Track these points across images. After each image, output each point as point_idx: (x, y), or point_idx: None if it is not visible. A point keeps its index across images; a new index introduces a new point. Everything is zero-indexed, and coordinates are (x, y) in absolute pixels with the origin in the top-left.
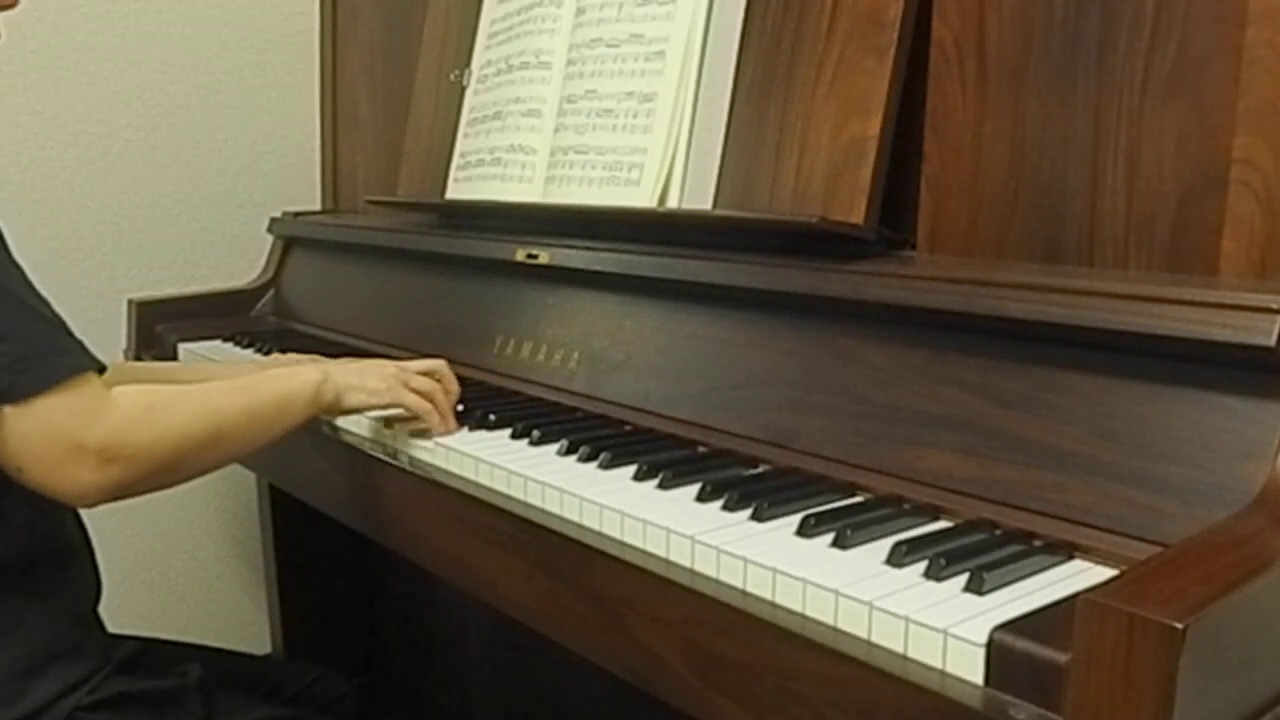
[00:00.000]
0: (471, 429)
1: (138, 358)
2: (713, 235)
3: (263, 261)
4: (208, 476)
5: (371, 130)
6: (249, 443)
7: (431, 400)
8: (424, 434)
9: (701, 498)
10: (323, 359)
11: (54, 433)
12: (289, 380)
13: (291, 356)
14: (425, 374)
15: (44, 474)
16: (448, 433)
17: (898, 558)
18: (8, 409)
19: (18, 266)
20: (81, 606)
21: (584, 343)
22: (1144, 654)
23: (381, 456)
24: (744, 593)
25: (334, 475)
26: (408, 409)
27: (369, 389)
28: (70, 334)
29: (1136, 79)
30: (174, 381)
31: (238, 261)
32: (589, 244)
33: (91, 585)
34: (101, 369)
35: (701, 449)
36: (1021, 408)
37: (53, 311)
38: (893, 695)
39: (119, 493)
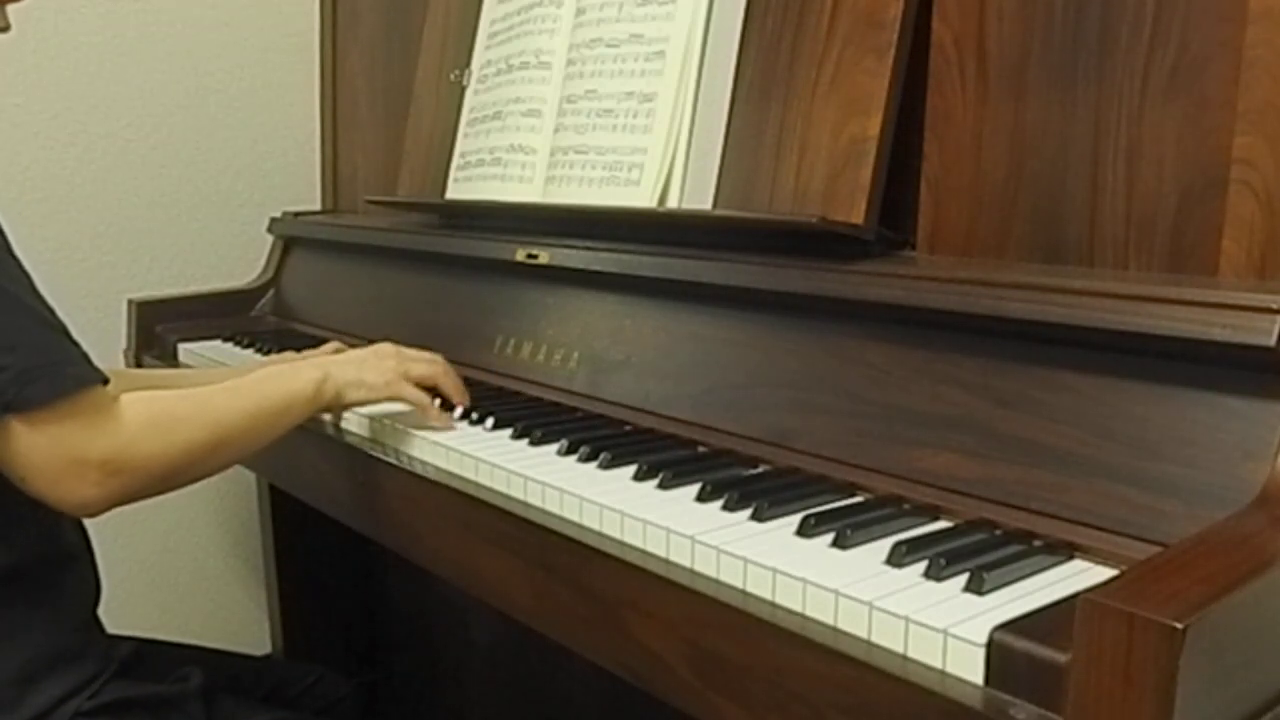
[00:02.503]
0: (471, 429)
1: (138, 358)
2: (713, 235)
3: (263, 261)
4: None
5: (371, 130)
6: (251, 446)
7: (434, 385)
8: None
9: (701, 498)
10: (322, 353)
11: (58, 446)
12: (291, 381)
13: (289, 355)
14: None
15: (47, 486)
16: (449, 424)
17: (898, 558)
18: (14, 420)
19: (25, 274)
20: (82, 611)
21: (584, 343)
22: (1144, 654)
23: (381, 456)
24: (744, 593)
25: (334, 475)
26: (407, 403)
27: (368, 384)
28: (75, 343)
29: (1136, 79)
30: (174, 388)
31: (238, 261)
32: (589, 244)
33: (91, 588)
34: (105, 381)
35: (701, 449)
36: (1021, 408)
37: (58, 319)
38: (893, 695)
39: (121, 502)
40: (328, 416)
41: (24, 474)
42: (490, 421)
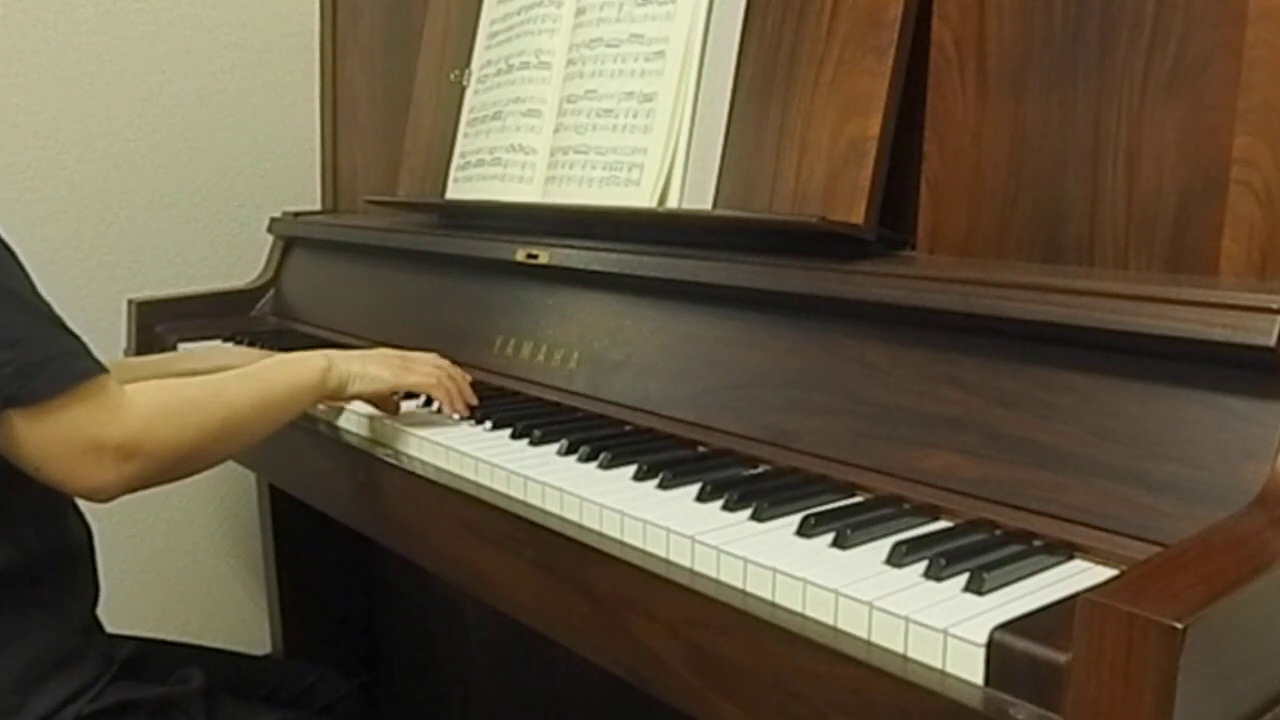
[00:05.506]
0: (471, 429)
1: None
2: (712, 235)
3: (263, 261)
4: (208, 477)
5: (371, 130)
6: (260, 432)
7: (428, 394)
8: (433, 421)
9: (701, 498)
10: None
11: (71, 434)
12: (298, 369)
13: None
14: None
15: (63, 473)
16: (457, 413)
17: (898, 558)
18: (17, 414)
19: (25, 272)
20: (81, 613)
21: (584, 343)
22: (1144, 654)
23: (382, 456)
24: (744, 593)
25: (334, 475)
26: (415, 388)
27: (371, 375)
28: (76, 336)
29: (1136, 79)
30: (178, 373)
31: (238, 261)
32: (589, 244)
33: (91, 589)
34: (107, 371)
35: (701, 449)
36: (1021, 408)
37: (57, 315)
38: (893, 695)
39: (136, 487)
40: (326, 413)
41: (38, 463)
42: (490, 421)
